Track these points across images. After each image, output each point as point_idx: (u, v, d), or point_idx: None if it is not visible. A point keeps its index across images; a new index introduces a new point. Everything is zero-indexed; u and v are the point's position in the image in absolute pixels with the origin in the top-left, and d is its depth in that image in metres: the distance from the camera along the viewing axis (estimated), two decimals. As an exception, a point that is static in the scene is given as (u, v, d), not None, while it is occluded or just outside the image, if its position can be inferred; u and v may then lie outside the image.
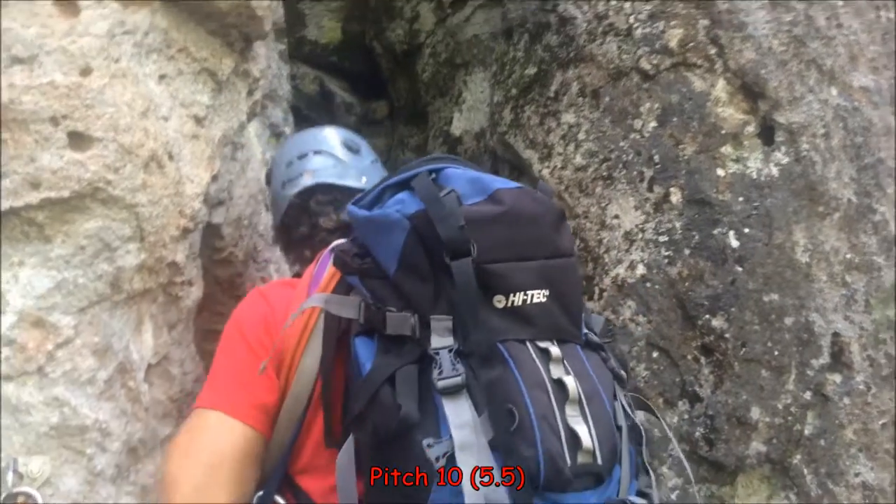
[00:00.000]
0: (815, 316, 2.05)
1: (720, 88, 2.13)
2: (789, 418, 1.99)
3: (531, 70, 2.54)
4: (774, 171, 2.10)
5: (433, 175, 1.32)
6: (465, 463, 1.08)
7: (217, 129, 1.66)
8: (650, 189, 2.13)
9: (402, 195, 1.30)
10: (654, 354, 2.04)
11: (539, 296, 1.24)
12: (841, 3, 2.33)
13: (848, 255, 2.14)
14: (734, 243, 2.04)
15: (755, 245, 2.03)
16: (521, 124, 2.52)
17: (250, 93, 1.86)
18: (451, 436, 1.10)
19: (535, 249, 1.26)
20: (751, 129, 2.13)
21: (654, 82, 2.18)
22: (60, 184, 1.25)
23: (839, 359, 2.08)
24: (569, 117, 2.34)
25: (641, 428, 1.33)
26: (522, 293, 1.23)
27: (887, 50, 2.40)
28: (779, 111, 2.12)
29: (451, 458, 1.10)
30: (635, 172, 2.16)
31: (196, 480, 1.24)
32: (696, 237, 2.05)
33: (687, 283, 2.03)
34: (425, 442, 1.11)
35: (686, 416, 2.00)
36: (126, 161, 1.32)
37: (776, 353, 2.00)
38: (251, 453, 1.30)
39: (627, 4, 2.26)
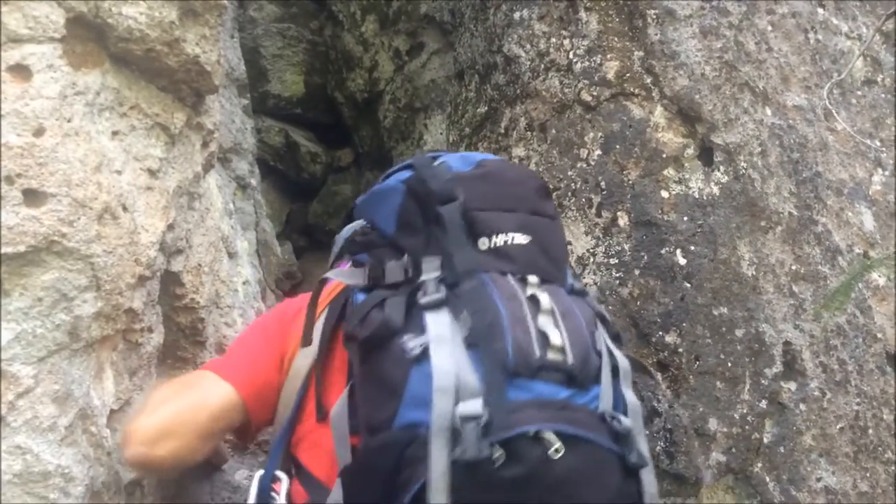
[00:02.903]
0: (765, 326, 2.12)
1: (658, 115, 2.24)
2: (747, 427, 2.05)
3: (482, 109, 2.65)
4: (715, 189, 2.19)
5: (434, 159, 1.50)
6: (439, 352, 1.17)
7: (172, 180, 1.72)
8: (599, 214, 2.21)
9: (401, 173, 1.48)
10: (612, 373, 2.10)
11: (520, 238, 1.36)
12: (770, 27, 2.45)
13: (793, 267, 2.23)
14: (681, 261, 2.12)
15: (701, 261, 2.11)
16: (476, 161, 2.61)
17: (205, 144, 1.93)
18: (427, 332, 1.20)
19: (516, 204, 1.41)
20: (690, 151, 2.23)
21: (596, 113, 2.28)
22: (17, 239, 1.30)
23: (792, 367, 2.15)
24: (519, 151, 2.44)
25: (623, 364, 1.36)
26: (504, 234, 1.35)
27: (817, 69, 2.52)
28: (715, 133, 2.22)
29: (426, 352, 1.18)
30: (584, 199, 2.24)
31: (174, 414, 1.39)
32: (645, 257, 2.13)
33: (639, 303, 2.10)
34: (405, 337, 1.21)
35: (647, 432, 2.05)
36: (80, 214, 1.38)
37: (729, 364, 2.06)
38: (228, 415, 1.43)
39: (566, 41, 2.37)
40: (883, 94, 2.67)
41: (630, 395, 1.33)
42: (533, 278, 1.32)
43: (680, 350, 2.05)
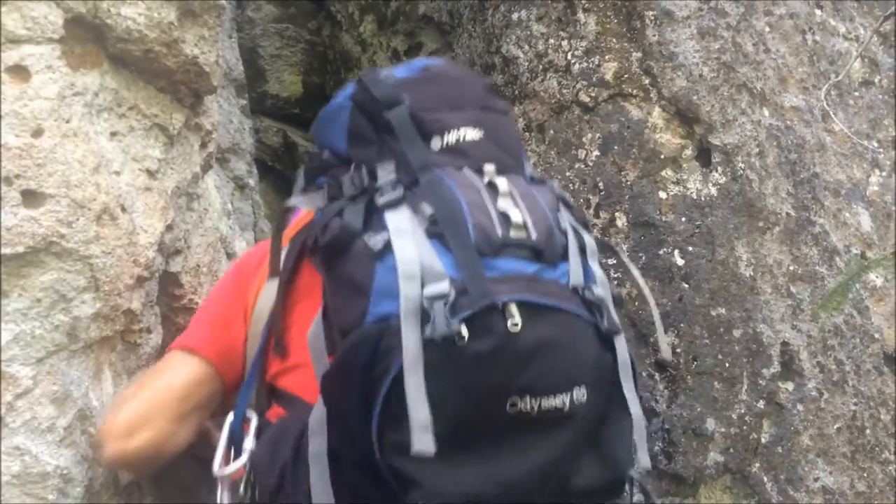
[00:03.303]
0: (762, 327, 2.13)
1: (656, 116, 2.24)
2: (744, 427, 2.05)
3: (480, 109, 2.64)
4: (713, 190, 2.19)
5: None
6: (401, 243, 1.17)
7: (170, 180, 1.72)
8: (597, 215, 2.22)
9: (346, 90, 1.45)
10: (611, 374, 2.10)
11: (472, 134, 1.35)
12: (768, 28, 2.46)
13: (791, 267, 2.23)
14: (679, 262, 2.12)
15: (699, 262, 2.12)
16: (474, 161, 2.61)
17: (203, 145, 1.93)
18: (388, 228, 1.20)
19: (464, 101, 1.39)
20: (688, 152, 2.23)
21: (594, 114, 2.29)
22: (15, 240, 1.31)
23: (790, 367, 2.16)
24: (517, 152, 2.44)
25: (589, 242, 1.35)
26: (455, 131, 1.34)
27: (815, 70, 2.52)
28: (713, 134, 2.22)
29: (388, 245, 1.18)
30: (582, 200, 2.25)
31: (141, 404, 1.38)
32: (643, 258, 2.14)
33: (637, 303, 2.11)
34: (366, 236, 1.21)
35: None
36: (78, 215, 1.38)
37: (727, 364, 2.07)
38: (198, 389, 1.42)
39: (564, 42, 2.38)
40: (880, 94, 2.67)
41: (597, 270, 1.32)
42: (489, 166, 1.32)
43: (678, 350, 2.06)
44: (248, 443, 1.35)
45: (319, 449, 1.19)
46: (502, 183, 1.28)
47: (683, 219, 2.16)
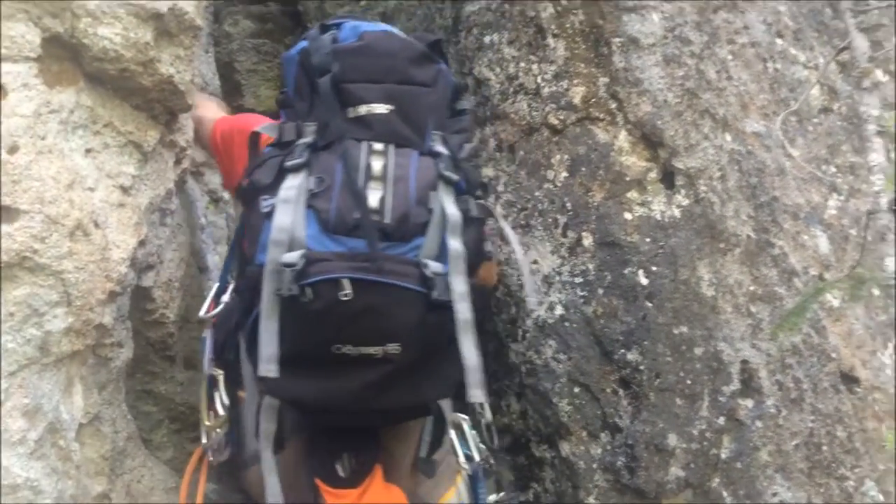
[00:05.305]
0: (723, 345, 2.19)
1: (622, 139, 2.30)
2: (705, 443, 2.11)
3: (453, 129, 2.69)
4: (677, 212, 2.26)
5: (335, 27, 1.75)
6: (281, 212, 1.48)
7: (144, 197, 1.74)
8: (564, 234, 2.27)
9: (302, 42, 1.74)
10: (576, 390, 2.15)
11: (381, 108, 1.61)
12: (730, 56, 2.54)
13: (751, 287, 2.30)
14: (644, 281, 2.18)
15: (663, 282, 2.18)
16: (446, 180, 2.65)
17: (178, 161, 1.96)
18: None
19: (384, 76, 1.64)
20: (653, 174, 2.29)
21: (563, 136, 2.34)
22: (-11, 255, 1.32)
23: (749, 384, 2.22)
24: (488, 171, 2.49)
25: (452, 219, 1.55)
26: (366, 105, 1.61)
27: (776, 97, 2.61)
28: (677, 157, 2.29)
29: (274, 210, 1.49)
30: (550, 219, 2.30)
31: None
32: (609, 277, 2.19)
33: (602, 321, 2.16)
34: (262, 198, 1.52)
35: (609, 447, 2.10)
36: (52, 231, 1.40)
37: (689, 382, 2.13)
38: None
39: (535, 66, 2.44)
40: (839, 121, 2.77)
41: (453, 244, 1.54)
42: (378, 146, 1.57)
43: (641, 367, 2.11)
44: (226, 297, 1.80)
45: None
46: (377, 166, 1.55)
47: (648, 239, 2.22)
